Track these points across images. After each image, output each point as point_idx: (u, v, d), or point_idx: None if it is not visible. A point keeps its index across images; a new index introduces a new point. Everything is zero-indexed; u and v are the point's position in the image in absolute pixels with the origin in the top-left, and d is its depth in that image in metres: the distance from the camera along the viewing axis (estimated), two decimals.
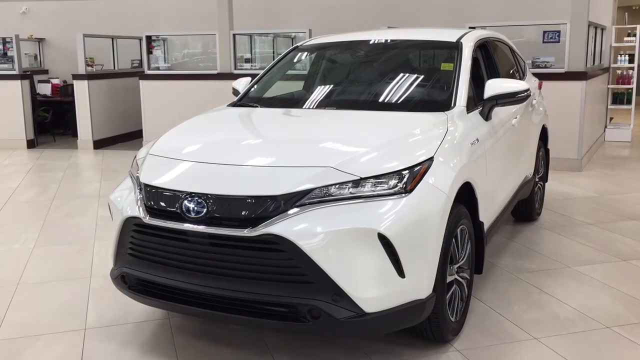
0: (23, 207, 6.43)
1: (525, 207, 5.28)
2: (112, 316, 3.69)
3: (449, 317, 3.16)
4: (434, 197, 2.91)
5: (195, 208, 2.83)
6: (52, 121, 10.64)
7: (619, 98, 10.38)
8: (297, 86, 4.68)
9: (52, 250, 4.98)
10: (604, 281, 4.14)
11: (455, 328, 3.27)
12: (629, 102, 10.27)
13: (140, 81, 9.58)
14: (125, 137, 10.59)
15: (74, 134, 10.36)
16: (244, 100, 4.25)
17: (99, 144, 10.03)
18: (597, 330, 3.43)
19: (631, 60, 10.05)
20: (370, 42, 4.43)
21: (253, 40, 10.23)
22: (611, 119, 10.48)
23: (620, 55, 10.18)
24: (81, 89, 9.85)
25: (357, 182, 2.79)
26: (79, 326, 3.57)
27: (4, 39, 10.26)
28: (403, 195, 2.81)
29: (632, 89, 10.16)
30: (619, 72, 10.33)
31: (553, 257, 4.60)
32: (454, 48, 4.02)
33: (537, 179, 5.39)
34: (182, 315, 3.58)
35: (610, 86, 10.17)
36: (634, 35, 10.17)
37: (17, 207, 6.40)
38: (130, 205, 3.08)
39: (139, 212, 3.01)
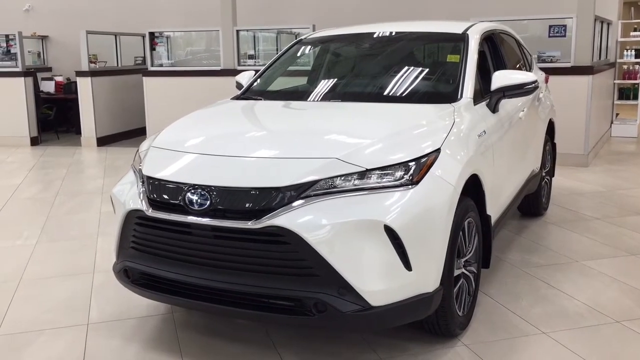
0: (26, 203, 6.41)
1: (532, 201, 5.23)
2: (115, 311, 3.65)
3: (456, 311, 3.11)
4: (441, 189, 2.86)
5: (199, 200, 2.79)
6: (55, 118, 10.62)
7: (625, 93, 10.31)
8: (301, 79, 4.63)
9: (55, 246, 4.95)
10: (612, 275, 4.08)
11: (462, 322, 3.23)
12: (635, 97, 10.19)
13: (144, 78, 9.55)
14: (129, 134, 10.56)
15: (78, 132, 10.34)
16: (248, 94, 4.22)
17: (102, 141, 10.01)
18: (607, 324, 3.38)
19: (637, 56, 9.99)
20: (376, 35, 4.37)
21: (256, 36, 10.18)
22: (617, 114, 10.41)
23: (627, 50, 10.10)
24: (84, 86, 9.82)
25: (363, 174, 2.75)
26: (82, 321, 3.54)
27: (7, 36, 10.23)
28: (410, 187, 2.76)
29: (638, 84, 10.09)
30: (625, 67, 10.26)
31: (561, 251, 4.55)
32: (460, 40, 3.97)
33: (543, 174, 5.33)
34: (185, 310, 3.54)
35: (616, 81, 10.09)
36: None
37: (20, 204, 6.37)
38: (133, 198, 3.04)
39: (141, 205, 2.97)
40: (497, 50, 4.36)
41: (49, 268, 4.43)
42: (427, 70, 4.00)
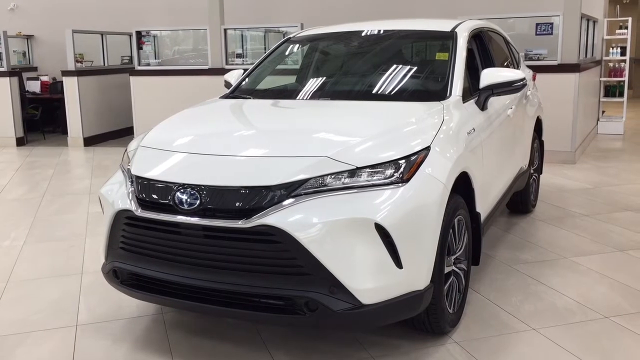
0: (12, 204, 6.35)
1: (520, 199, 5.25)
2: (104, 312, 3.62)
3: (446, 309, 3.11)
4: (432, 186, 2.86)
5: (188, 200, 2.77)
6: (41, 119, 10.52)
7: (611, 91, 10.38)
8: (290, 78, 4.61)
9: (43, 247, 4.91)
10: (601, 271, 4.11)
11: (453, 320, 3.23)
12: (621, 94, 10.27)
13: (131, 77, 9.49)
14: (116, 134, 10.50)
15: (64, 132, 10.26)
16: (237, 93, 4.20)
17: (89, 141, 9.94)
18: (596, 320, 3.40)
19: (623, 53, 10.05)
20: (364, 33, 4.37)
21: (244, 35, 10.15)
22: (603, 112, 10.49)
23: (612, 47, 10.18)
24: (71, 86, 9.74)
25: (353, 172, 2.74)
26: (71, 323, 3.51)
27: None
28: (400, 185, 2.76)
29: (624, 81, 10.16)
30: (610, 64, 10.33)
31: (549, 248, 4.57)
32: (449, 38, 3.97)
33: (532, 171, 5.36)
34: (176, 310, 3.52)
35: (603, 79, 10.17)
36: (626, 27, 10.17)
37: (7, 205, 6.31)
38: (122, 198, 3.02)
39: (130, 204, 2.94)
40: (485, 48, 4.37)
41: (37, 269, 4.39)
42: (416, 68, 4.01)
